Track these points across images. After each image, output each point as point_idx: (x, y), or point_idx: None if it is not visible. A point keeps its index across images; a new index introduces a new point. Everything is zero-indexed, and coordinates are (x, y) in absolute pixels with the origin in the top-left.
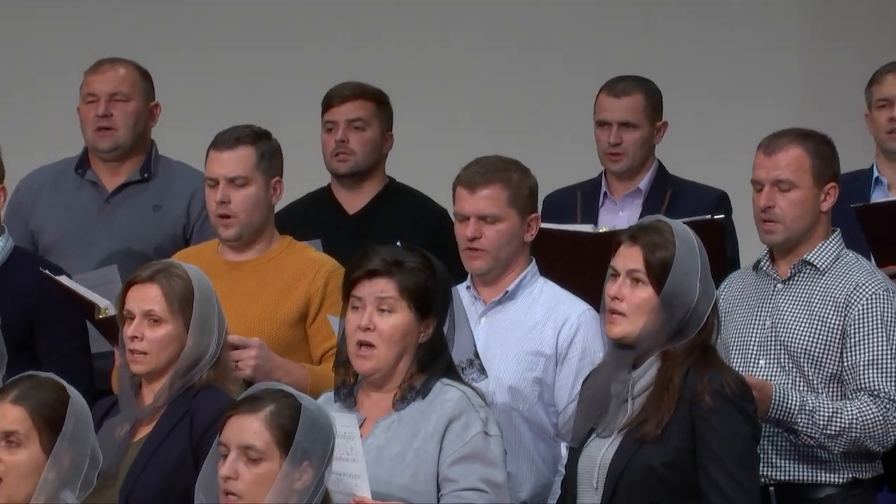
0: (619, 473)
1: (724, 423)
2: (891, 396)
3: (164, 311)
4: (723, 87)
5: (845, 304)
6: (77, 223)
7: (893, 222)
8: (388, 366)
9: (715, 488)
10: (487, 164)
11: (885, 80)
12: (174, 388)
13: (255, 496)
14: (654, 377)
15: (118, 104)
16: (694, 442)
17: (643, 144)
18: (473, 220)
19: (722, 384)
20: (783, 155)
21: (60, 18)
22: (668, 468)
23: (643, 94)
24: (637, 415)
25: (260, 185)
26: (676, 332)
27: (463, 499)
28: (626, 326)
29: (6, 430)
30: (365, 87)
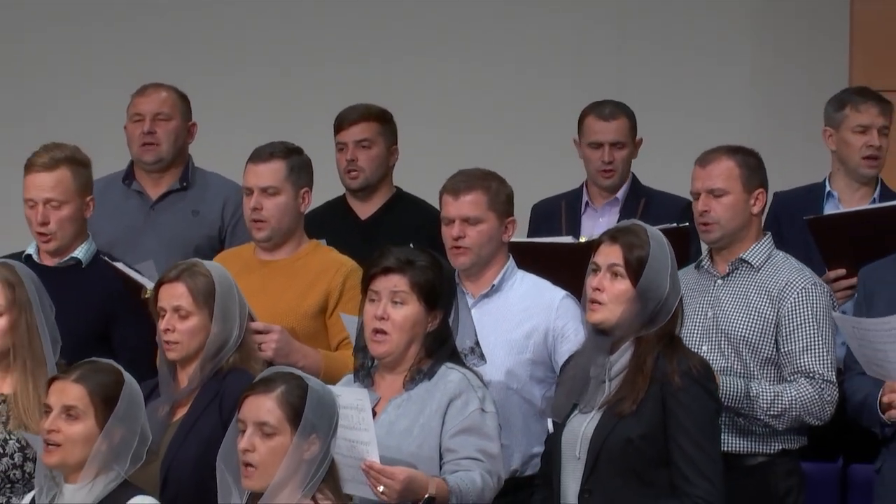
0: (600, 445)
1: (691, 400)
2: (825, 377)
3: (190, 305)
4: (684, 109)
5: (779, 297)
6: (126, 228)
7: (842, 232)
8: (399, 350)
9: (683, 456)
10: (469, 174)
11: (865, 108)
12: (205, 372)
13: (269, 466)
14: (628, 360)
15: (161, 123)
16: (665, 417)
17: (628, 162)
18: (458, 222)
19: (689, 367)
20: (715, 166)
21: (109, 45)
22: (643, 440)
23: (627, 116)
24: (614, 393)
25: (289, 194)
26: (648, 320)
27: (461, 466)
28: (605, 313)
29: (67, 404)
30: (370, 109)
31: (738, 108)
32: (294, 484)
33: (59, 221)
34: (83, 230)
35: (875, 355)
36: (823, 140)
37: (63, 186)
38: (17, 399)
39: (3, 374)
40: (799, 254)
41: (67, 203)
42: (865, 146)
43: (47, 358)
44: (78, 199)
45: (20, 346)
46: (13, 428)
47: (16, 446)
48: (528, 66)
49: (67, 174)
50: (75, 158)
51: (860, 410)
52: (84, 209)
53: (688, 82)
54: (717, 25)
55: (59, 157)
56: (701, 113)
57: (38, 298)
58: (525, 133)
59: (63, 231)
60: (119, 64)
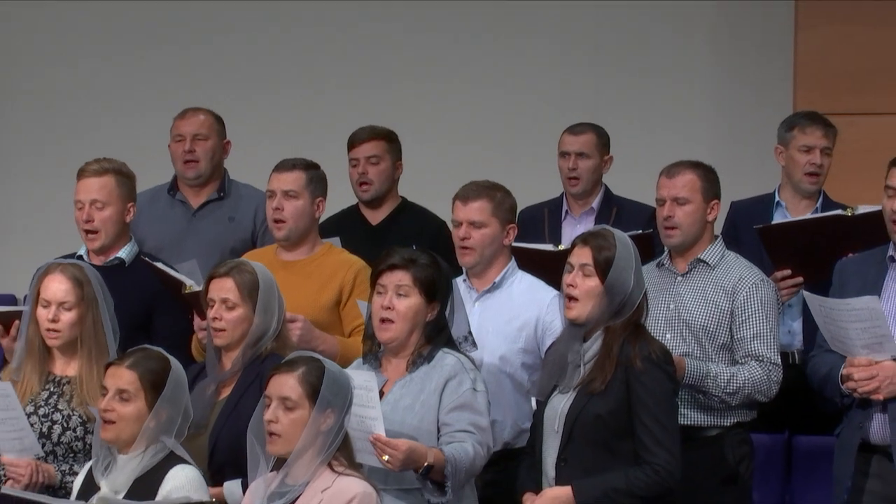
0: (574, 419)
1: (651, 380)
2: (771, 360)
3: (237, 298)
4: (650, 127)
5: (732, 291)
6: (171, 233)
7: (787, 238)
8: (402, 337)
9: (645, 429)
10: (479, 184)
11: (811, 131)
12: (246, 357)
13: (290, 435)
14: (599, 348)
15: (199, 143)
16: (629, 395)
17: (594, 172)
18: (465, 225)
19: (649, 352)
20: (680, 178)
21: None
22: (610, 415)
23: (594, 133)
24: (587, 376)
25: (307, 200)
26: (616, 312)
27: (456, 438)
28: (579, 310)
29: (120, 387)
30: (378, 129)
31: (698, 127)
32: (312, 452)
33: (103, 221)
34: (125, 233)
35: (838, 332)
36: (775, 156)
37: (108, 190)
38: (81, 381)
39: (69, 359)
40: (752, 254)
41: (110, 205)
42: (808, 164)
43: (109, 347)
44: (120, 203)
45: (86, 336)
46: (76, 406)
47: (78, 421)
48: (516, 91)
49: (112, 181)
50: (121, 170)
51: (825, 383)
52: (125, 214)
53: (654, 104)
54: (680, 55)
55: (108, 166)
56: (665, 131)
57: (102, 295)
58: (512, 147)
59: (106, 230)
60: (162, 88)
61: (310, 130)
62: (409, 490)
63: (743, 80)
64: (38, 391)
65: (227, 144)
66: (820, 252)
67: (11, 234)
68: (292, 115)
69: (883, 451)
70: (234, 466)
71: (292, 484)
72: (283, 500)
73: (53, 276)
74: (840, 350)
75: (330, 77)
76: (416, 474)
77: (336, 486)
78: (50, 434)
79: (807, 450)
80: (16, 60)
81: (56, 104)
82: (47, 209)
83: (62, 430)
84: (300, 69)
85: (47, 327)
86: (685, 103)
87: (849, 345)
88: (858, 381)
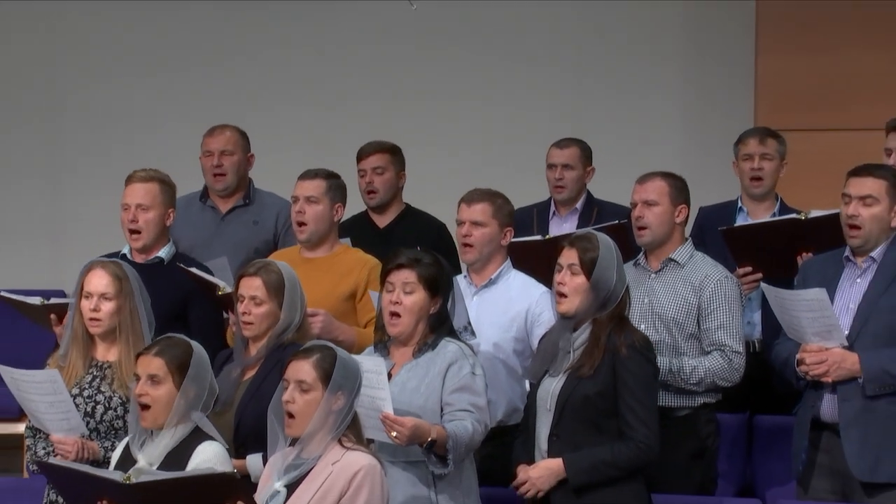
0: (565, 400)
1: (635, 366)
2: (734, 349)
3: (264, 295)
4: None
5: (700, 286)
6: (202, 235)
7: (748, 239)
8: (409, 329)
9: (628, 408)
10: (482, 190)
11: (748, 141)
12: (270, 346)
13: (305, 415)
14: (587, 336)
15: (226, 157)
16: (614, 379)
17: (578, 181)
18: (467, 224)
19: (633, 340)
20: (651, 184)
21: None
22: (598, 396)
23: (578, 147)
24: (576, 361)
25: (326, 206)
26: (601, 305)
27: (456, 417)
28: (568, 304)
29: (151, 373)
30: (383, 144)
31: (669, 141)
32: (325, 430)
33: (146, 222)
34: (165, 235)
35: (791, 321)
36: (732, 169)
37: (152, 195)
38: (120, 366)
39: (109, 346)
40: (718, 254)
41: (153, 209)
42: (749, 170)
43: (144, 335)
44: (162, 208)
45: (124, 325)
46: (116, 388)
47: (118, 402)
48: (508, 109)
49: (157, 188)
50: (164, 179)
51: (784, 367)
52: (166, 218)
53: (631, 120)
54: (654, 77)
55: (153, 175)
56: (640, 144)
57: (138, 289)
58: (505, 158)
59: (148, 231)
60: (196, 105)
61: (324, 143)
62: (414, 462)
63: (709, 99)
64: (83, 375)
65: (251, 157)
66: (777, 251)
67: (62, 236)
68: (309, 129)
69: (832, 427)
70: (256, 440)
71: (306, 458)
72: (297, 471)
73: (95, 271)
74: (795, 337)
75: (342, 96)
76: (421, 448)
77: (345, 459)
78: (93, 413)
79: (766, 428)
80: (68, 79)
81: (102, 119)
82: (93, 214)
83: (104, 409)
84: (316, 89)
85: (90, 316)
86: (658, 120)
87: (801, 332)
88: (810, 364)
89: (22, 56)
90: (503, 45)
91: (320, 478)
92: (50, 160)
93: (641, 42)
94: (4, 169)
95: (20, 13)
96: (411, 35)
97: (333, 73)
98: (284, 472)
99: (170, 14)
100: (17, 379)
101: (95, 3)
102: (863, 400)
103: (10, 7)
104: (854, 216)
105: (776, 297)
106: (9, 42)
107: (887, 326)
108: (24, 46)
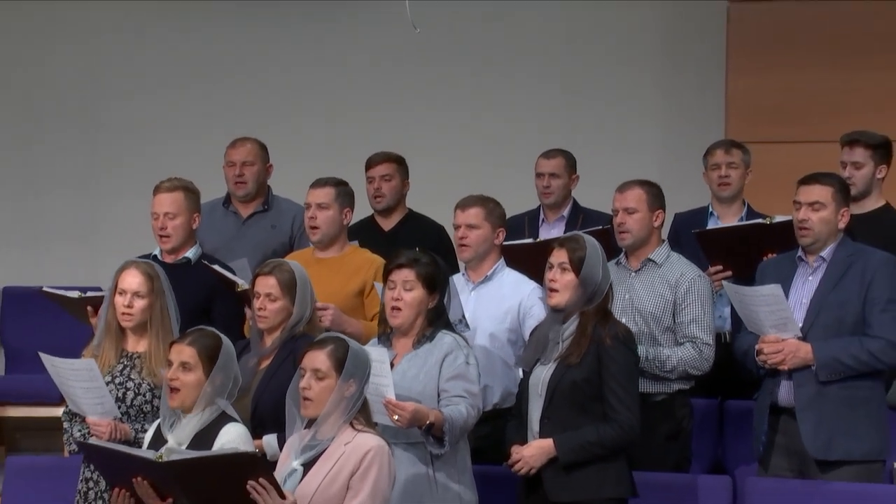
0: (555, 386)
1: (618, 354)
2: (704, 341)
3: (277, 292)
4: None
5: (675, 284)
6: (224, 237)
7: (718, 240)
8: (409, 322)
9: (612, 394)
10: (476, 196)
11: (715, 152)
12: (283, 337)
13: (320, 400)
14: (575, 328)
15: (247, 168)
16: (599, 366)
17: (563, 188)
18: (463, 227)
19: (616, 332)
20: (630, 193)
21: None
22: (584, 382)
23: (564, 157)
24: (565, 351)
25: (336, 211)
26: (588, 300)
27: (452, 402)
28: (559, 299)
29: (183, 361)
30: (390, 154)
31: (648, 152)
32: (337, 413)
33: (174, 228)
34: (192, 237)
35: (750, 315)
36: (703, 179)
37: (178, 204)
38: (149, 356)
39: (139, 338)
40: (692, 254)
41: (180, 216)
42: (717, 177)
43: (172, 328)
44: (188, 213)
45: (154, 319)
46: (145, 376)
47: (147, 388)
48: (502, 122)
49: (182, 196)
50: (188, 187)
51: (745, 357)
52: (192, 222)
53: (613, 133)
54: (634, 94)
55: (178, 184)
56: (621, 155)
57: (167, 288)
58: (500, 167)
59: (176, 235)
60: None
61: (335, 153)
62: (414, 443)
63: (685, 114)
64: (115, 364)
65: (269, 167)
66: (745, 251)
67: (98, 237)
68: (322, 140)
69: (789, 411)
70: (271, 423)
71: (321, 439)
72: (313, 451)
73: (129, 270)
74: (754, 330)
75: (353, 110)
76: (420, 431)
77: (356, 440)
78: (124, 398)
79: (735, 411)
80: (103, 95)
81: (132, 131)
82: (124, 217)
83: (134, 395)
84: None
85: (122, 311)
86: (638, 133)
87: (760, 325)
88: (768, 354)
89: (60, 74)
90: (497, 66)
91: (334, 457)
92: (85, 169)
93: (623, 64)
94: (46, 177)
95: (59, 35)
96: (415, 57)
97: (345, 90)
98: (301, 452)
99: (195, 36)
100: (58, 367)
101: (128, 25)
102: (816, 385)
103: (49, 29)
104: (804, 220)
105: (737, 294)
106: (49, 62)
107: (837, 319)
108: (62, 66)
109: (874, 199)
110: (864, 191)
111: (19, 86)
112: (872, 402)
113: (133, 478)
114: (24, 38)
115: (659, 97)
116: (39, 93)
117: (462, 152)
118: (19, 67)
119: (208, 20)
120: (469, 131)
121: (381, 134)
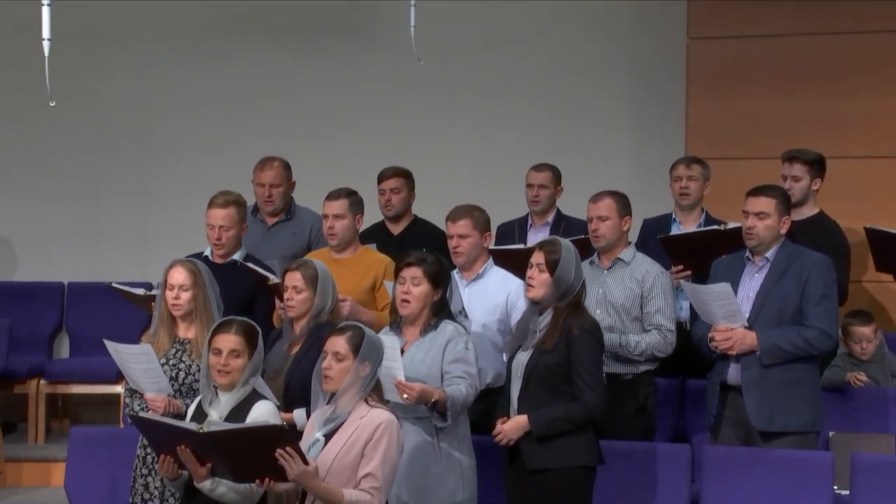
0: (531, 370)
1: (585, 343)
2: (668, 328)
3: (303, 285)
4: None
5: (642, 280)
6: (252, 243)
7: (680, 244)
8: (416, 313)
9: (579, 376)
10: (462, 208)
11: (678, 167)
12: (310, 324)
13: (339, 378)
14: (550, 320)
15: (274, 189)
16: (568, 353)
17: (550, 198)
18: (455, 237)
19: (584, 323)
20: (602, 202)
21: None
22: (556, 366)
23: (551, 171)
24: (540, 339)
25: (350, 219)
26: (561, 296)
27: (454, 382)
28: (536, 292)
29: (232, 348)
30: (399, 169)
31: (620, 167)
32: (353, 391)
33: (227, 238)
34: (240, 243)
35: (705, 308)
36: (669, 189)
37: (231, 218)
38: (197, 341)
39: (188, 326)
40: (657, 255)
41: (233, 228)
42: (679, 188)
43: (214, 318)
44: (238, 225)
45: (199, 309)
46: (194, 358)
47: (196, 369)
48: (496, 140)
49: (233, 210)
50: (238, 200)
51: (700, 343)
52: (241, 231)
53: (591, 150)
54: (609, 116)
55: (230, 199)
56: (598, 169)
57: (209, 282)
58: (495, 179)
59: (229, 244)
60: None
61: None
62: (421, 418)
63: (652, 134)
64: (168, 348)
65: (292, 184)
66: (702, 253)
67: (148, 240)
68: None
69: (736, 389)
70: (301, 400)
71: (340, 412)
72: (333, 424)
73: (176, 268)
74: (708, 321)
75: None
76: (426, 407)
77: (370, 415)
78: (177, 378)
79: (695, 390)
80: (158, 117)
81: (183, 148)
82: (173, 223)
83: (185, 375)
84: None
85: (171, 303)
86: (612, 150)
87: (712, 317)
88: (719, 341)
89: (118, 96)
90: (492, 91)
91: (350, 429)
92: (141, 180)
93: (599, 90)
94: (107, 187)
95: (123, 66)
96: (420, 84)
97: (358, 113)
98: (324, 424)
99: (234, 67)
100: (120, 351)
101: (180, 59)
102: (760, 368)
103: (117, 61)
104: (751, 227)
105: (693, 292)
106: (115, 89)
107: (778, 311)
108: (126, 91)
109: (810, 207)
110: (801, 200)
111: (90, 109)
112: (808, 382)
113: (177, 446)
114: (98, 70)
115: (630, 120)
116: (107, 116)
117: (462, 166)
118: (92, 94)
119: (245, 54)
120: (467, 149)
121: (390, 150)
